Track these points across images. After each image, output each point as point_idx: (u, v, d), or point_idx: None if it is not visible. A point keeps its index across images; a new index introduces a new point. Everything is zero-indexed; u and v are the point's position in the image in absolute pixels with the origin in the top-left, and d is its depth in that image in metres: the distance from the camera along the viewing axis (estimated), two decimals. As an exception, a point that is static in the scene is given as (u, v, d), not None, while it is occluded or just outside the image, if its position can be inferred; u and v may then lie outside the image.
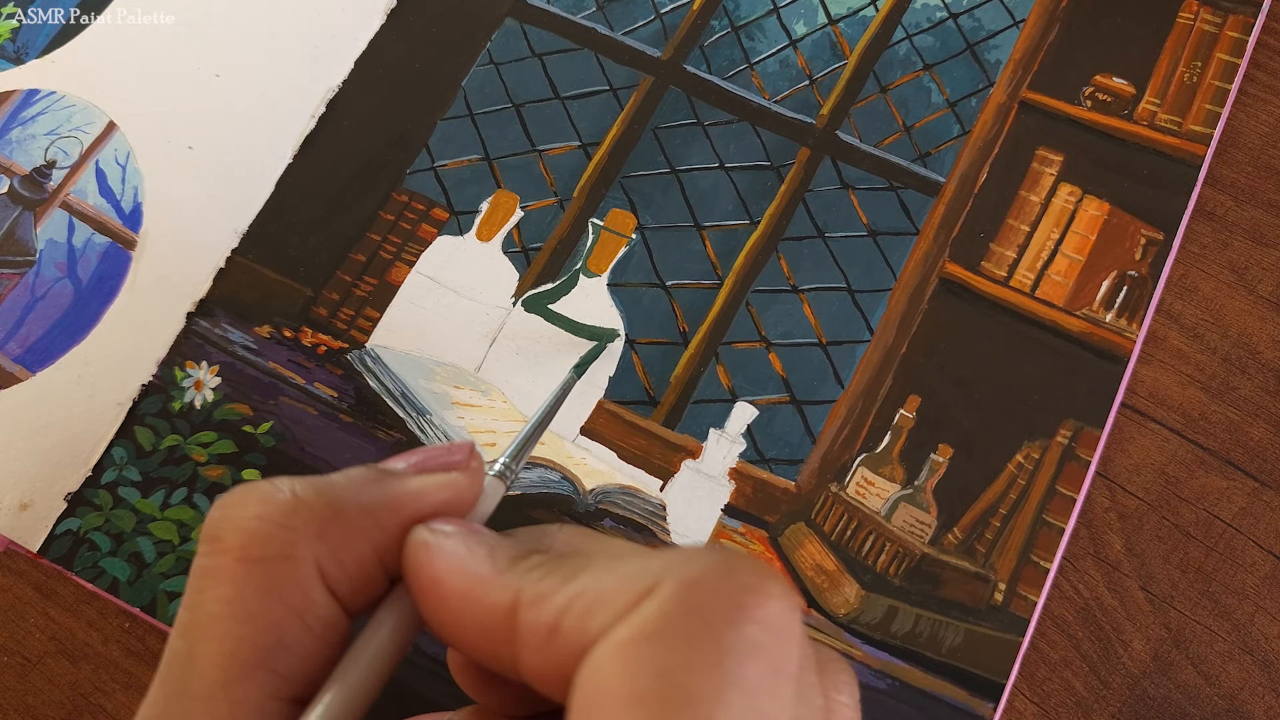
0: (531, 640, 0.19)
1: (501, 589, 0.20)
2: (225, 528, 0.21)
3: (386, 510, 0.22)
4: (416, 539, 0.22)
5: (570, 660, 0.18)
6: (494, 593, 0.20)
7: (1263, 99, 0.44)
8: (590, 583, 0.18)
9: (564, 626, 0.18)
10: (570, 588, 0.19)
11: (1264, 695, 0.37)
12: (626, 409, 0.42)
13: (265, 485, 0.22)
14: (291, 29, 0.47)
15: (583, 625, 0.18)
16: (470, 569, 0.20)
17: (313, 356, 0.43)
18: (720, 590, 0.17)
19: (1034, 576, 0.38)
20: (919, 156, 0.44)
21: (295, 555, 0.21)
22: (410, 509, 0.22)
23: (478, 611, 0.20)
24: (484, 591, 0.20)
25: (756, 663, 0.17)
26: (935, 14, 0.46)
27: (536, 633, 0.19)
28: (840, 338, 0.42)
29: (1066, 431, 0.40)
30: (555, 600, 0.19)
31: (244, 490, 0.22)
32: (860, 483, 0.40)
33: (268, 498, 0.21)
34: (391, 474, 0.23)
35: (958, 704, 0.37)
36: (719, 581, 0.17)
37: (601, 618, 0.18)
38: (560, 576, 0.19)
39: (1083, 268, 0.42)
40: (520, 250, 0.44)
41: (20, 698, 0.39)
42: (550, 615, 0.18)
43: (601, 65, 0.47)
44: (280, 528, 0.21)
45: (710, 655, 0.16)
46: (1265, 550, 0.39)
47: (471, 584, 0.20)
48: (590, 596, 0.18)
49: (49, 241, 0.45)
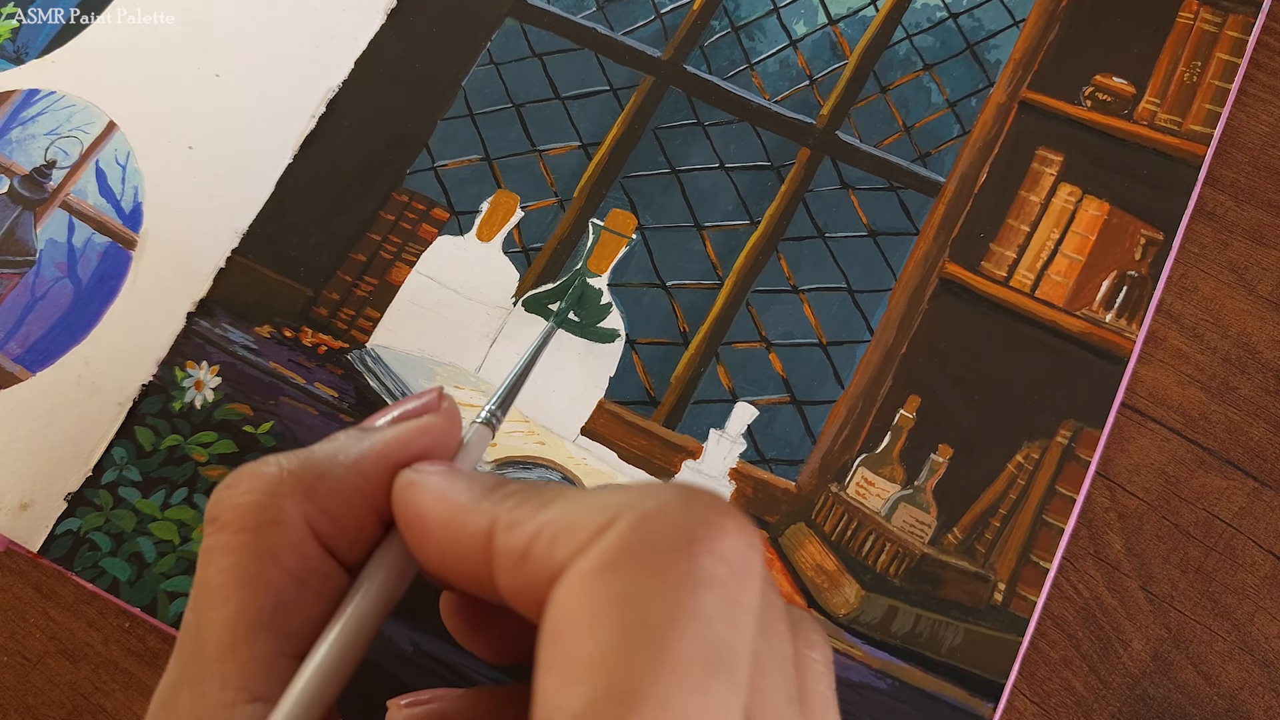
0: (505, 563, 0.20)
1: (479, 515, 0.21)
2: (221, 507, 0.23)
3: (369, 462, 0.24)
4: (403, 480, 0.23)
5: (541, 585, 0.19)
6: (472, 519, 0.21)
7: (1263, 99, 0.44)
8: (558, 513, 0.19)
9: (534, 552, 0.19)
10: (540, 516, 0.19)
11: (1264, 695, 0.37)
12: (627, 409, 0.42)
13: (254, 464, 0.24)
14: (292, 29, 0.47)
15: (550, 552, 0.19)
16: (450, 499, 0.22)
17: (313, 356, 0.43)
18: (676, 524, 0.18)
19: (1034, 576, 0.38)
20: (919, 157, 0.44)
21: (285, 519, 0.22)
22: (392, 457, 0.24)
23: (459, 538, 0.21)
24: (463, 520, 0.21)
25: (711, 593, 0.17)
26: (935, 14, 0.46)
27: (509, 556, 0.19)
28: (840, 338, 0.42)
29: (1066, 432, 0.40)
30: (526, 527, 0.19)
31: (236, 472, 0.24)
32: (860, 483, 0.40)
33: (256, 473, 0.23)
34: (371, 430, 0.25)
35: (957, 704, 0.37)
36: (676, 515, 0.18)
37: (566, 547, 0.18)
38: (532, 506, 0.20)
39: (1083, 268, 0.42)
40: (521, 250, 0.44)
41: (20, 697, 0.39)
42: (521, 540, 0.19)
43: (602, 65, 0.47)
44: (269, 496, 0.23)
45: (665, 584, 0.17)
46: (1265, 550, 0.39)
47: (451, 513, 0.21)
48: (558, 525, 0.19)
49: (49, 241, 0.45)
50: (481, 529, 0.20)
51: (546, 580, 0.18)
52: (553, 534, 0.19)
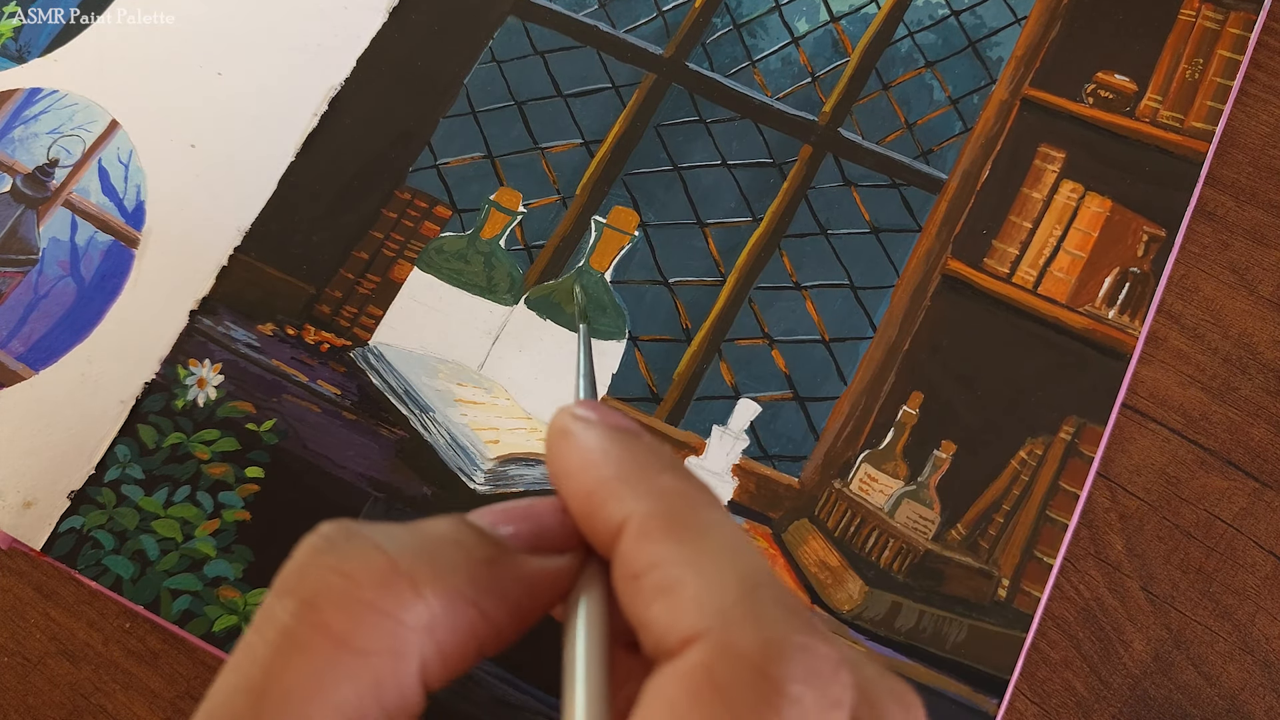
0: (620, 570, 0.19)
1: (616, 508, 0.20)
2: (326, 596, 0.18)
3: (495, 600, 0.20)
4: (560, 424, 0.22)
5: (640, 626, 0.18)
6: (609, 506, 0.20)
7: (1263, 99, 0.44)
8: (670, 581, 0.18)
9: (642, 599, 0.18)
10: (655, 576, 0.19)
11: (1265, 695, 0.37)
12: (629, 406, 0.42)
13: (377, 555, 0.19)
14: (294, 27, 0.47)
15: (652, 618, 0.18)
16: (599, 471, 0.20)
17: (316, 354, 0.43)
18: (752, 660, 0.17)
19: (1037, 572, 0.38)
20: (921, 154, 0.44)
21: (404, 653, 0.19)
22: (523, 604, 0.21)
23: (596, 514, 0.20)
24: (601, 500, 0.20)
25: None
26: (937, 11, 0.46)
27: (624, 571, 0.19)
28: (843, 334, 0.42)
29: (1069, 428, 0.40)
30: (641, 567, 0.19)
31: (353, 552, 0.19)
32: (863, 479, 0.40)
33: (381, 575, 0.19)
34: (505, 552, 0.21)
35: (961, 700, 0.37)
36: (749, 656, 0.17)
37: (663, 636, 0.18)
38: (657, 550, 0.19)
39: (1085, 264, 0.42)
40: (523, 248, 0.44)
41: (21, 698, 0.39)
42: (636, 570, 0.19)
43: (604, 63, 0.47)
44: (392, 620, 0.18)
45: None
46: (1266, 550, 0.39)
47: (594, 486, 0.20)
48: (664, 603, 0.18)
49: (52, 240, 0.45)
50: (612, 522, 0.20)
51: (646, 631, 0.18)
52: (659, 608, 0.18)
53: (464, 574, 0.20)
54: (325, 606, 0.18)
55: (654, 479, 0.20)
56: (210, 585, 0.39)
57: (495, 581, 0.20)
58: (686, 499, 0.20)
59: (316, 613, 0.18)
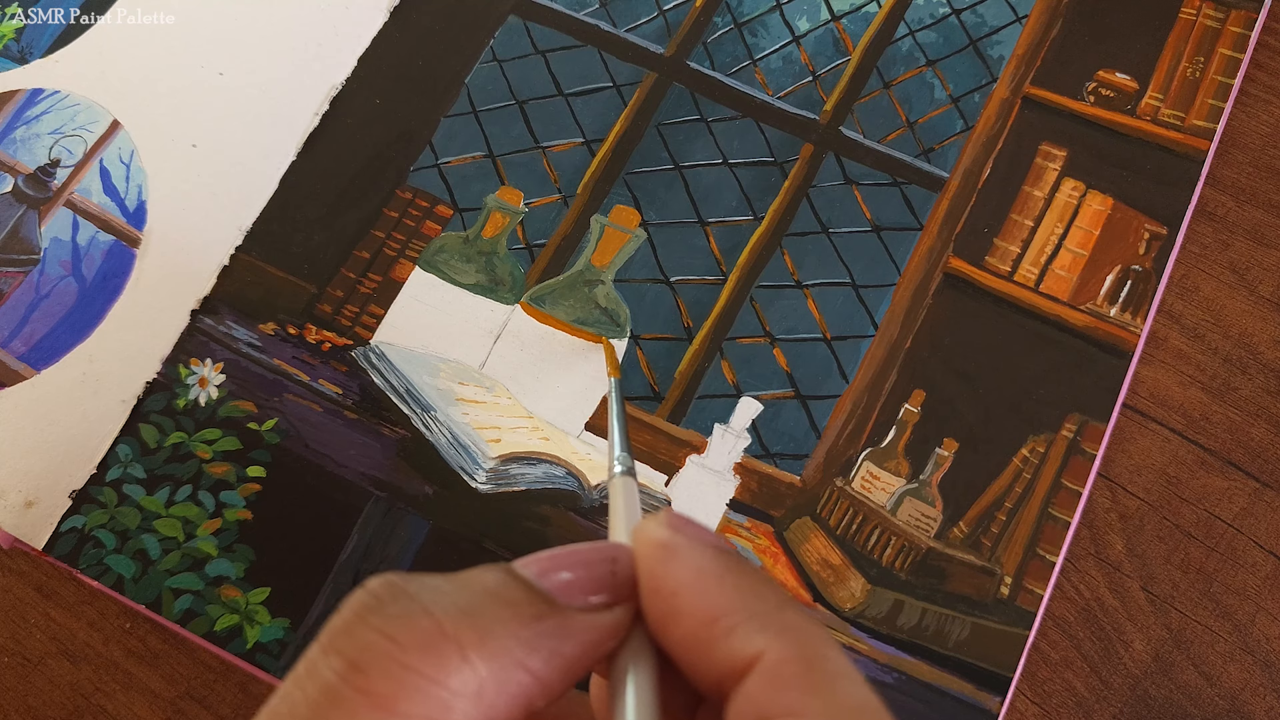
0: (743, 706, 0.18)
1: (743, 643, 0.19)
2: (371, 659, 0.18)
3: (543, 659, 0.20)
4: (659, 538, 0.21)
5: None
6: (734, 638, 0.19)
7: (1263, 99, 0.44)
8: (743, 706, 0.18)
9: None
10: None
11: (1265, 695, 0.37)
12: (631, 404, 0.42)
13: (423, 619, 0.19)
14: (295, 26, 0.48)
15: None
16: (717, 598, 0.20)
17: (317, 353, 0.43)
18: None
19: (1040, 570, 0.38)
20: (922, 152, 0.44)
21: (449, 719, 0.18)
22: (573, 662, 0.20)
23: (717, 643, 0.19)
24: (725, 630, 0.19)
25: None
26: (938, 10, 0.47)
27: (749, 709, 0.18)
28: (845, 333, 0.42)
29: (1071, 425, 0.40)
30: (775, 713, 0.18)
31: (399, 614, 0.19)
32: (865, 477, 0.40)
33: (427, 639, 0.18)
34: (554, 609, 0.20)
35: (964, 698, 0.37)
36: None
37: None
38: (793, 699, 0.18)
39: (1086, 262, 0.42)
40: (524, 247, 0.44)
41: (21, 698, 0.39)
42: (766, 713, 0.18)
43: (605, 62, 0.47)
44: (438, 686, 0.18)
45: None
46: (1266, 551, 0.39)
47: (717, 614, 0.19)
48: None
49: (53, 240, 0.45)
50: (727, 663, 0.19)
51: None
52: None
53: (512, 635, 0.19)
54: (370, 669, 0.18)
55: (781, 615, 0.19)
56: (212, 584, 0.39)
57: (544, 640, 0.20)
58: (816, 641, 0.19)
59: (362, 675, 0.18)
